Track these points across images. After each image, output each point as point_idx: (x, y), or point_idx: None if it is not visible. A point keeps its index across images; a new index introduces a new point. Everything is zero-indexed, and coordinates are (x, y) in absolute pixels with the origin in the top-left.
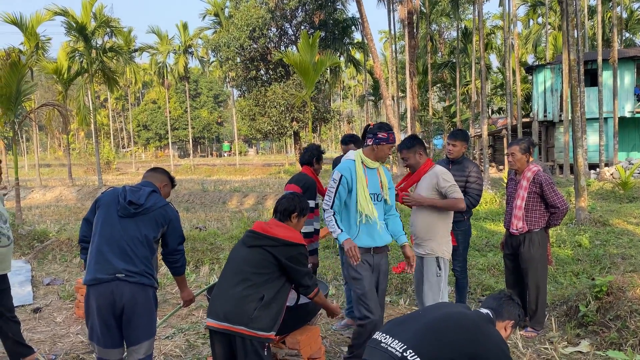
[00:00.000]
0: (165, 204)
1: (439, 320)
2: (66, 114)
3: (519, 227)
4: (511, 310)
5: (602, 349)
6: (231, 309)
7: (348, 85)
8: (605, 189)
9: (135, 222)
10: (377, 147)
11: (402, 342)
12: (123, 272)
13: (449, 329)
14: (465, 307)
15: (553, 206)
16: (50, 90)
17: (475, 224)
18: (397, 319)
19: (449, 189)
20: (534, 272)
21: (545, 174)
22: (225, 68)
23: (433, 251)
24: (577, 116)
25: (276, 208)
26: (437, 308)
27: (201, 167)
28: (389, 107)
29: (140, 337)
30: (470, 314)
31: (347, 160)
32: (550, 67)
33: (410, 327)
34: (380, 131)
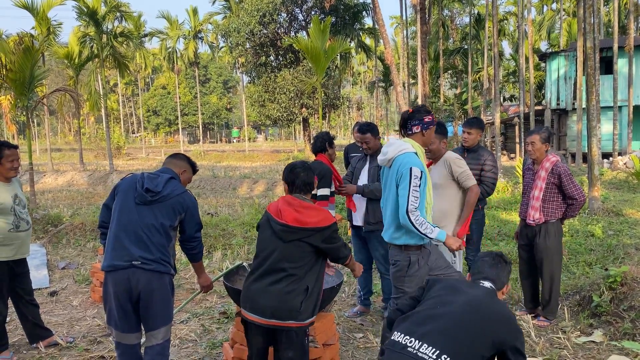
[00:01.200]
0: (182, 191)
1: (462, 313)
2: (78, 99)
3: (535, 217)
4: (506, 275)
5: (615, 339)
6: (279, 306)
7: (358, 71)
8: (618, 178)
9: (152, 210)
10: (426, 132)
11: (433, 346)
12: (139, 260)
13: (475, 323)
14: (465, 283)
15: (571, 197)
16: (61, 75)
17: (487, 213)
18: (412, 316)
19: (462, 175)
20: (549, 263)
21: (564, 165)
22: (235, 54)
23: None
24: (592, 105)
25: (292, 181)
26: (451, 297)
27: (211, 153)
28: (400, 93)
29: (157, 323)
30: (483, 296)
31: (409, 153)
32: (565, 54)
33: (435, 327)
34: (426, 114)
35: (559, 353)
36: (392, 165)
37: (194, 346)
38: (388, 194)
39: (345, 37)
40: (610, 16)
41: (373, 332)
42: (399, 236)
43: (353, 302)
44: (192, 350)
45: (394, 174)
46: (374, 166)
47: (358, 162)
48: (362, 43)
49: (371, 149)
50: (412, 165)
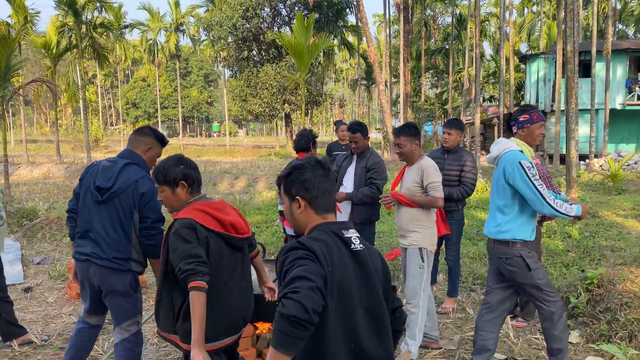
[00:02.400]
0: (138, 177)
1: None
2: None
3: None
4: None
5: (592, 341)
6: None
7: (340, 69)
8: (594, 180)
9: (107, 207)
10: (523, 130)
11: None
12: (92, 256)
13: None
14: None
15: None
16: (38, 65)
17: (466, 213)
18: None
19: (431, 185)
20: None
21: (543, 168)
22: (217, 47)
23: (416, 242)
24: (571, 108)
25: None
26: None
27: (190, 147)
28: (382, 91)
29: (119, 318)
30: None
31: (513, 151)
32: (544, 56)
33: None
34: (521, 114)
35: (536, 354)
36: (497, 163)
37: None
38: (493, 191)
39: (328, 34)
40: (589, 20)
41: None
42: (508, 229)
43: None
44: (172, 348)
45: (501, 173)
46: (360, 167)
47: (344, 160)
48: (345, 40)
49: (359, 149)
50: (519, 159)
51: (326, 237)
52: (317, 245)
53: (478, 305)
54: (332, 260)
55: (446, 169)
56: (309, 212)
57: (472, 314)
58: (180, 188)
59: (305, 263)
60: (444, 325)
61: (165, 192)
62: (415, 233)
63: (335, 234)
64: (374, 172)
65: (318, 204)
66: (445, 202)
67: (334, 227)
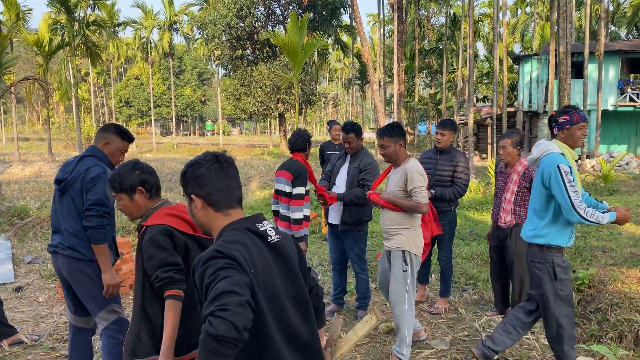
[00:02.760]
0: (90, 166)
1: None
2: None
3: (507, 220)
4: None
5: (582, 341)
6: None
7: (335, 68)
8: (586, 181)
9: (66, 197)
10: (563, 132)
11: None
12: (58, 246)
13: None
14: None
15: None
16: (30, 63)
17: (459, 213)
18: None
19: (415, 190)
20: (520, 265)
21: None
22: (211, 46)
23: (400, 244)
24: None
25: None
26: None
27: (184, 146)
28: (376, 91)
29: (92, 308)
30: None
31: (554, 153)
32: (537, 57)
33: None
34: (561, 115)
35: (527, 354)
36: (537, 165)
37: None
38: (532, 193)
39: (322, 33)
40: (582, 22)
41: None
42: (543, 234)
43: (327, 300)
44: None
45: (540, 175)
46: (353, 167)
47: (337, 160)
48: (340, 40)
49: (352, 149)
50: (558, 162)
51: (242, 236)
52: (237, 250)
53: (470, 305)
54: (254, 262)
55: (439, 169)
56: (208, 211)
57: (464, 314)
58: (138, 194)
59: (229, 274)
60: (436, 325)
61: (123, 200)
62: (398, 236)
63: (251, 230)
64: (366, 174)
65: (214, 201)
66: (438, 202)
67: (246, 223)
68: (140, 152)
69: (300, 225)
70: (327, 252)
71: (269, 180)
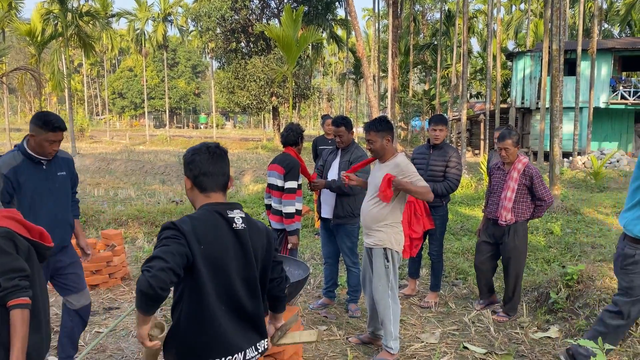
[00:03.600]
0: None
1: None
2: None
3: (507, 218)
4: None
5: (570, 336)
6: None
7: (329, 62)
8: (577, 177)
9: None
10: None
11: None
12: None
13: None
14: None
15: (540, 199)
16: (22, 53)
17: (451, 208)
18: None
19: (414, 179)
20: (516, 262)
21: (535, 167)
22: (205, 38)
23: (381, 241)
24: (555, 106)
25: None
26: None
27: (177, 139)
28: (370, 86)
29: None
30: None
31: None
32: (530, 54)
33: None
34: None
35: (516, 348)
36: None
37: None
38: (633, 179)
39: (317, 27)
40: (576, 19)
41: (337, 324)
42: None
43: (318, 294)
44: None
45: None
46: (344, 161)
47: (329, 155)
48: (334, 34)
49: (344, 143)
50: None
51: (208, 215)
52: (190, 225)
53: (460, 300)
54: (207, 238)
55: (431, 164)
56: (194, 191)
57: (454, 308)
58: None
59: (168, 243)
60: (426, 319)
61: None
62: (379, 233)
63: (219, 214)
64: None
65: (199, 183)
66: None
67: (219, 207)
68: (133, 145)
69: (292, 219)
70: (319, 245)
71: (262, 174)
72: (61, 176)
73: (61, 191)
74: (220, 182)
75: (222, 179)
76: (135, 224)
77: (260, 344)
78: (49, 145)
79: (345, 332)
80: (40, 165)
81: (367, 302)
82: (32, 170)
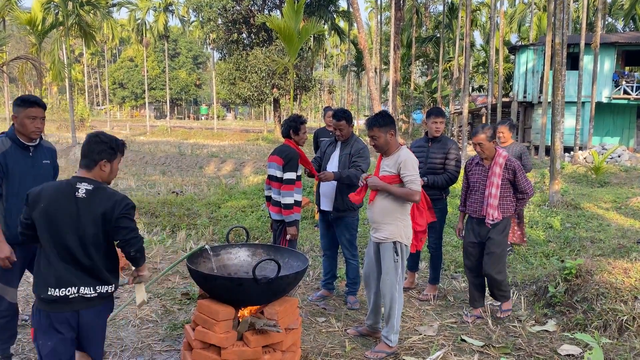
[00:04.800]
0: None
1: None
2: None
3: (495, 217)
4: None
5: (567, 330)
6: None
7: (331, 54)
8: (578, 172)
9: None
10: None
11: None
12: None
13: None
14: None
15: (523, 192)
16: (23, 42)
17: (451, 202)
18: None
19: (409, 178)
20: (499, 258)
21: (515, 160)
22: (207, 29)
23: (392, 235)
24: (557, 100)
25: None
26: None
27: (178, 130)
28: (371, 78)
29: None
30: None
31: None
32: (534, 48)
33: None
34: None
35: (513, 341)
36: None
37: (155, 327)
38: None
39: (319, 18)
40: (579, 13)
41: (335, 316)
42: None
43: (317, 286)
44: (153, 331)
45: None
46: (345, 154)
47: (328, 146)
48: (336, 26)
49: (343, 136)
50: None
51: (58, 184)
52: (34, 191)
53: (459, 293)
54: (47, 200)
55: (430, 157)
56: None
57: (452, 301)
58: None
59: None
60: (425, 311)
61: None
62: (389, 226)
63: (70, 183)
64: (358, 157)
65: (80, 160)
66: (430, 190)
67: (74, 179)
68: (133, 135)
69: (290, 210)
70: (319, 237)
71: (262, 166)
72: (45, 164)
73: (45, 178)
74: (84, 163)
75: (85, 161)
76: (135, 214)
77: (101, 288)
78: (31, 123)
79: (343, 324)
80: (27, 151)
81: (368, 297)
82: (19, 156)
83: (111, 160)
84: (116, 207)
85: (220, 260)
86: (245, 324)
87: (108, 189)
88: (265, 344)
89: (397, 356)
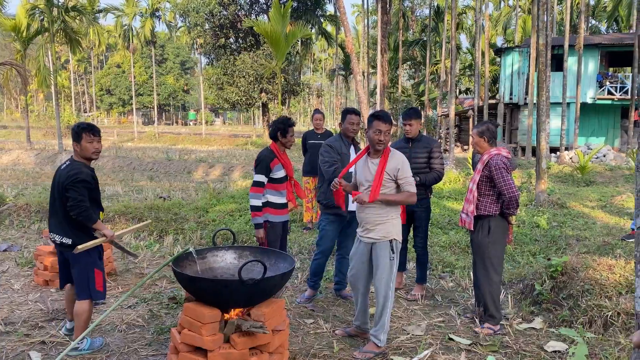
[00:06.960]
0: None
1: None
2: (25, 74)
3: (469, 210)
4: None
5: (554, 326)
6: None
7: (319, 59)
8: (564, 172)
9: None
10: None
11: None
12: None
13: None
14: None
15: (500, 193)
16: (7, 49)
17: (438, 202)
18: None
19: (407, 180)
20: (481, 260)
21: (501, 159)
22: (194, 34)
23: (388, 234)
24: (542, 101)
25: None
26: None
27: (166, 135)
28: (359, 82)
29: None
30: None
31: None
32: (519, 50)
33: None
34: None
35: (501, 339)
36: None
37: (141, 331)
38: None
39: (306, 22)
40: (563, 15)
41: (324, 317)
42: None
43: (305, 288)
44: (139, 335)
45: None
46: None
47: (342, 148)
48: (324, 30)
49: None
50: None
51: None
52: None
53: (447, 293)
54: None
55: (413, 157)
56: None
57: (440, 300)
58: None
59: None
60: (412, 311)
61: None
62: (384, 225)
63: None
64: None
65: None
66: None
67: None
68: (121, 141)
69: (258, 212)
70: (307, 240)
71: (250, 170)
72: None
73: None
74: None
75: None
76: (122, 219)
77: (63, 239)
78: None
79: (331, 325)
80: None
81: (355, 299)
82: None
83: (79, 141)
84: (67, 179)
85: (206, 263)
86: (232, 326)
87: (75, 163)
88: (252, 346)
89: (385, 356)
